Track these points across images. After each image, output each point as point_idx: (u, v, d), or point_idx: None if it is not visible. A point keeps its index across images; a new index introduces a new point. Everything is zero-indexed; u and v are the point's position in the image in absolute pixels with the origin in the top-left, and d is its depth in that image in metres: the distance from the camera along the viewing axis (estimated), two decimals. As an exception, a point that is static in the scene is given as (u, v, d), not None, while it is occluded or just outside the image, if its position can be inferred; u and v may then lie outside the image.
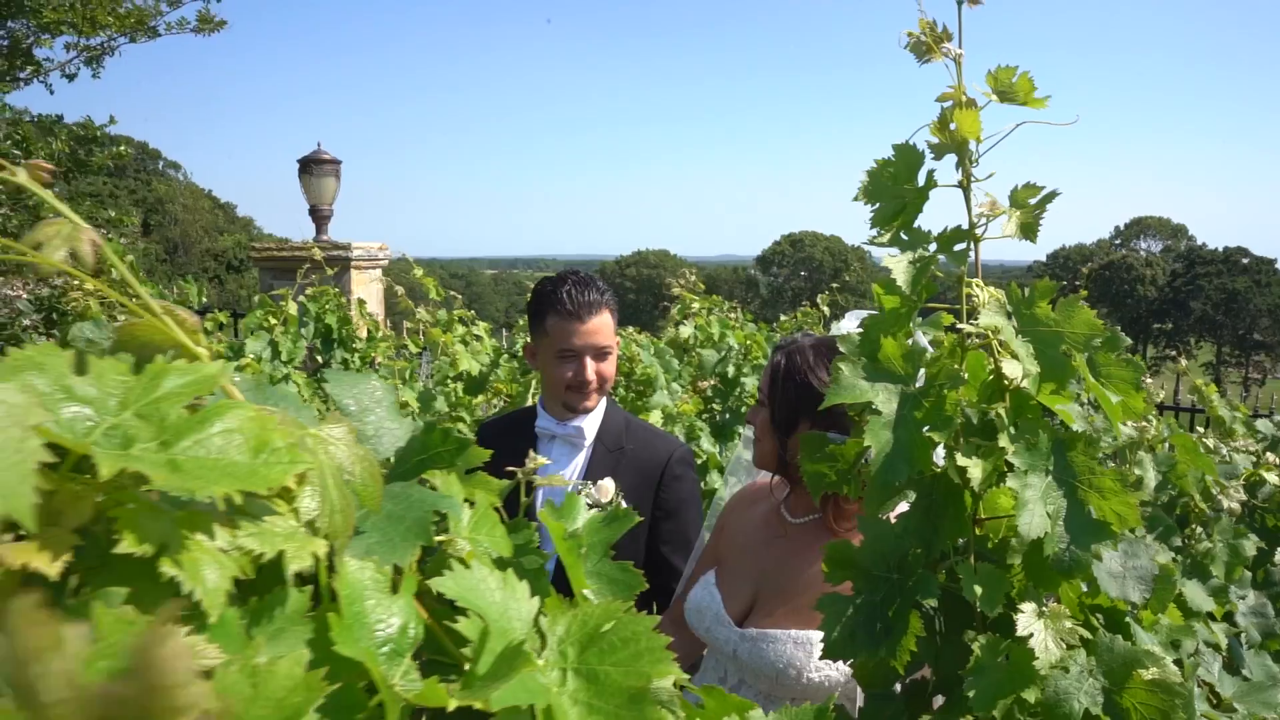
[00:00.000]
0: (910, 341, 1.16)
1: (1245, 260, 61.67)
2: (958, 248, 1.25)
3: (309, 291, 3.88)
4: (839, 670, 1.57)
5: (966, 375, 1.17)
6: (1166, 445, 1.49)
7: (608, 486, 1.29)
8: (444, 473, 0.65)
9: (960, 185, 1.26)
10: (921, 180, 1.25)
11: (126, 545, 0.39)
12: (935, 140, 1.24)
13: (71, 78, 10.64)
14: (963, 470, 1.06)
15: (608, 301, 2.10)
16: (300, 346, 2.93)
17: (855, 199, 1.25)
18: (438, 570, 0.56)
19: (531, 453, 0.84)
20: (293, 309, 3.12)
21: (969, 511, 1.06)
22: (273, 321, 2.93)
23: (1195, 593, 1.46)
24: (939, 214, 1.28)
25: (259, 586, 0.46)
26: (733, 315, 4.96)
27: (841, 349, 1.19)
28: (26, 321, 4.20)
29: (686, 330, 3.89)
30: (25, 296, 4.34)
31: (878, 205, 1.25)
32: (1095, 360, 1.18)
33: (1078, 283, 4.57)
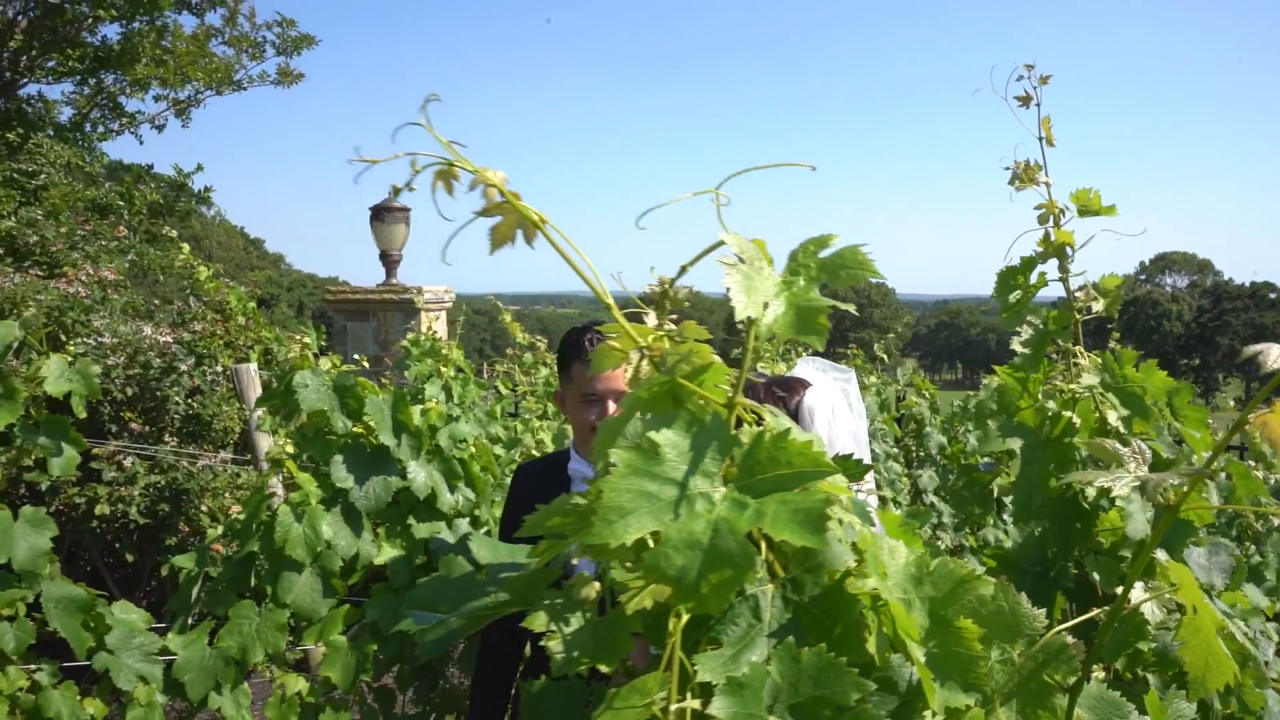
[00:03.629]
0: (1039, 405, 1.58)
1: (1273, 295, 61.29)
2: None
3: (410, 337, 4.35)
4: None
5: (1079, 422, 1.59)
6: (1224, 475, 1.89)
7: None
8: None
9: (1062, 280, 1.72)
10: (1034, 279, 1.71)
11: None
12: (1040, 250, 1.71)
13: (160, 129, 11.31)
14: (1084, 492, 1.47)
15: None
16: (471, 391, 3.29)
17: (993, 295, 1.69)
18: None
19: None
20: (458, 355, 3.46)
21: (1093, 521, 1.47)
22: (444, 370, 3.28)
23: (1253, 593, 1.85)
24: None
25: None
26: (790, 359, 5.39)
27: (985, 402, 1.63)
28: (183, 366, 4.42)
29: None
30: (173, 342, 4.58)
31: (1006, 297, 1.70)
32: (1174, 405, 1.60)
33: (1110, 325, 4.93)
